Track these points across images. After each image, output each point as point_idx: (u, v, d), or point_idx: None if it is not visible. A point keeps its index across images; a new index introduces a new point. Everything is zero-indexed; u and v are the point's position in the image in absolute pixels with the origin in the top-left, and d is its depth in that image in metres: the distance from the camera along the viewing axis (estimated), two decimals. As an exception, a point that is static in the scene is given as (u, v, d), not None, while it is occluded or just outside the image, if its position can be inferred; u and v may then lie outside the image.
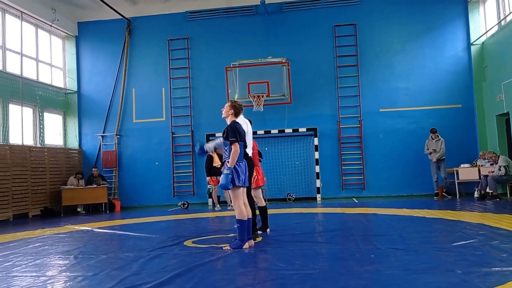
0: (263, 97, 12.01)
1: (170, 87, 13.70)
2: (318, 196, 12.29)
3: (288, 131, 12.65)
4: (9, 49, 11.74)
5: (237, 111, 5.59)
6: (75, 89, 14.15)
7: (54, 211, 11.90)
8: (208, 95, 13.37)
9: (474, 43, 12.41)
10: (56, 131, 13.73)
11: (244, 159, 5.45)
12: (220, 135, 5.88)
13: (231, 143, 5.24)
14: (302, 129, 12.60)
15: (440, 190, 11.38)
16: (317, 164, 12.36)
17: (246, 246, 5.27)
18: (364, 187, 12.67)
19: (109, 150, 13.73)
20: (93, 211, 12.52)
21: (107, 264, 4.79)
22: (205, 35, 13.66)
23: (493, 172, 10.42)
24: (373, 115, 12.75)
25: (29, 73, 12.47)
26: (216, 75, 13.21)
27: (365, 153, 12.73)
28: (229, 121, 5.54)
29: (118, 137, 13.80)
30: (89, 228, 8.39)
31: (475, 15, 12.53)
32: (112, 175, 13.61)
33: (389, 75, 12.83)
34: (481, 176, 10.74)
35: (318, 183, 12.33)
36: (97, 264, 4.83)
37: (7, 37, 11.65)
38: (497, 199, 10.06)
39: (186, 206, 12.02)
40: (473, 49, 12.42)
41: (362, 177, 12.70)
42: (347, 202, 11.52)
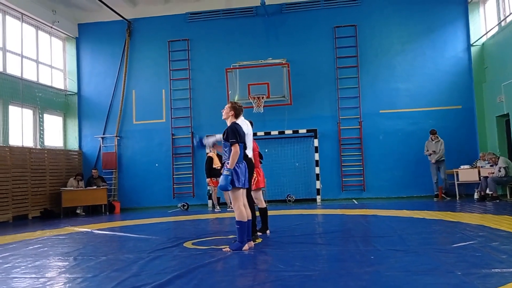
0: (263, 98, 12.02)
1: (170, 88, 13.70)
2: (318, 197, 12.29)
3: (288, 132, 12.65)
4: (9, 51, 11.74)
5: (237, 112, 5.59)
6: (75, 91, 14.16)
7: (54, 213, 11.89)
8: (208, 97, 13.37)
9: (474, 44, 12.41)
10: (56, 133, 13.73)
11: (244, 161, 5.45)
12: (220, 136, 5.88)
13: (231, 144, 5.23)
14: (302, 130, 12.60)
15: (440, 191, 11.37)
16: (317, 165, 12.35)
17: (246, 247, 5.27)
18: (364, 188, 12.67)
19: (109, 151, 13.74)
20: (93, 212, 12.51)
21: (107, 265, 4.79)
22: (205, 36, 13.68)
23: (493, 173, 10.41)
24: (373, 116, 12.75)
25: (29, 75, 12.48)
26: (216, 77, 13.23)
27: (365, 154, 12.72)
28: (229, 123, 5.53)
29: (118, 138, 13.80)
30: (88, 229, 8.39)
31: (475, 16, 12.54)
32: (112, 177, 13.61)
33: (389, 76, 12.83)
34: (481, 177, 10.74)
35: (318, 185, 12.33)
36: (97, 265, 4.83)
37: (7, 39, 11.66)
38: (497, 201, 10.06)
39: (186, 207, 12.02)
40: (473, 50, 12.43)
41: (362, 179, 12.69)
42: (347, 203, 11.52)
